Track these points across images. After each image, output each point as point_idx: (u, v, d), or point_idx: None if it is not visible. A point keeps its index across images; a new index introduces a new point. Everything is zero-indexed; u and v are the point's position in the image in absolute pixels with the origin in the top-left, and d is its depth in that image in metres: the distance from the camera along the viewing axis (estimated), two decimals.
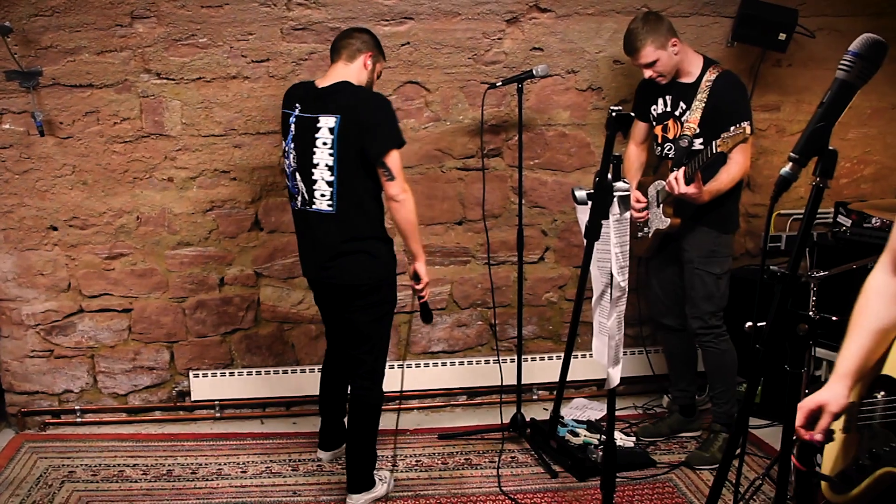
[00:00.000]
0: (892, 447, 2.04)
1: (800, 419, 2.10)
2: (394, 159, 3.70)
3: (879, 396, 2.16)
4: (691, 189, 3.99)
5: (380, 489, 4.10)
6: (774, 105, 5.06)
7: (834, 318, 3.23)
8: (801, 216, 5.04)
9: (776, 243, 5.08)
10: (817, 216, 5.09)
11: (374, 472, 4.11)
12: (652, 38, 4.12)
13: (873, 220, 4.53)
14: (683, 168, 4.01)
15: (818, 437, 2.08)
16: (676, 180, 4.01)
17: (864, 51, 1.91)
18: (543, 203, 5.04)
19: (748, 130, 3.71)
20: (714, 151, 3.82)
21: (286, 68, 4.61)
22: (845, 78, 1.93)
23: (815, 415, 2.11)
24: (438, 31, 4.69)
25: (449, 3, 4.65)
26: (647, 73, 4.24)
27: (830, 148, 1.98)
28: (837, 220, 4.73)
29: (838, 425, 2.29)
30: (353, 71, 3.83)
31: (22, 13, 4.37)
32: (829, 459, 2.31)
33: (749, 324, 2.45)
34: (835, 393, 2.10)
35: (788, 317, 2.14)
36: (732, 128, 3.73)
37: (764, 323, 2.22)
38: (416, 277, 4.02)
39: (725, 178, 4.12)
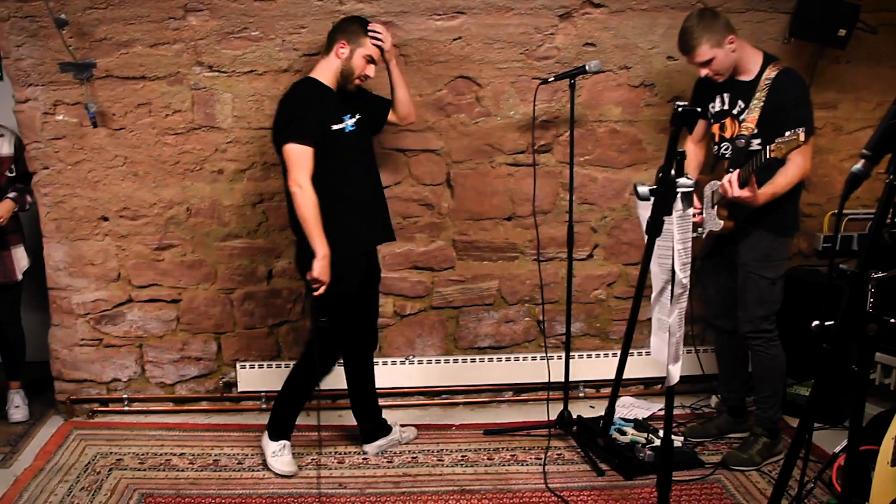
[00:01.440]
0: None
1: None
2: (288, 153, 3.88)
3: None
4: (745, 192, 3.90)
5: (276, 456, 4.27)
6: (832, 103, 4.97)
7: (892, 321, 3.18)
8: (856, 216, 5.00)
9: (830, 244, 5.01)
10: (872, 217, 5.00)
11: (282, 444, 4.28)
12: (707, 35, 4.01)
13: None
14: (738, 171, 3.92)
15: None
16: (730, 183, 3.92)
17: None
18: (593, 200, 5.01)
19: (801, 137, 3.60)
20: (768, 157, 3.74)
21: None
22: None
23: None
24: (490, 26, 4.67)
25: None
26: (703, 72, 4.13)
27: None
28: (895, 220, 4.65)
29: (886, 458, 2.25)
30: (324, 64, 4.08)
31: (77, 6, 4.41)
32: (879, 494, 2.26)
33: (816, 323, 2.41)
34: None
35: (858, 317, 2.09)
36: (788, 133, 3.64)
37: (831, 322, 2.18)
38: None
39: (782, 180, 4.01)
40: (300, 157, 3.85)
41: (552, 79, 4.51)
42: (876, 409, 3.97)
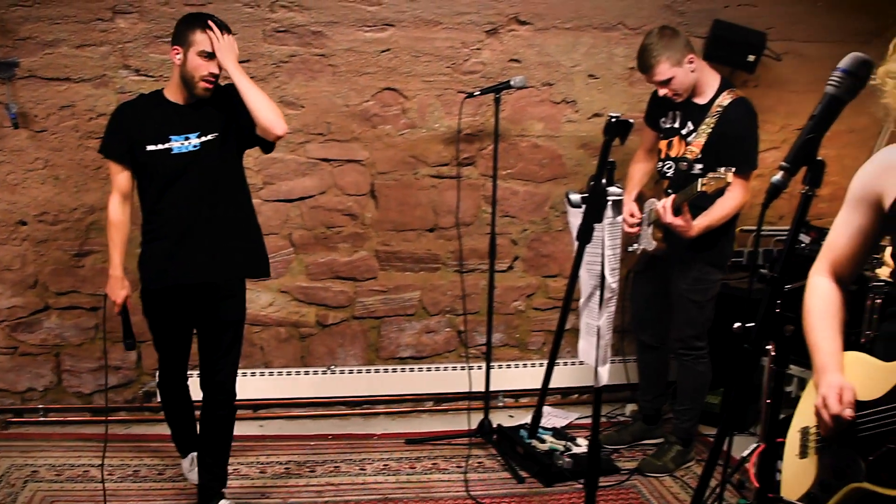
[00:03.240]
0: (857, 463, 2.10)
1: (835, 405, 2.12)
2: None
3: None
4: (678, 221, 3.92)
5: (190, 470, 4.18)
6: None
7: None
8: (763, 233, 5.20)
9: (738, 258, 5.21)
10: (778, 234, 5.21)
11: (190, 457, 4.20)
12: (667, 54, 4.00)
13: None
14: (672, 197, 3.94)
15: (850, 412, 2.12)
16: (665, 209, 3.93)
17: (853, 68, 1.99)
18: (514, 213, 5.12)
19: (729, 178, 3.62)
20: (699, 189, 3.74)
21: (266, 70, 4.62)
22: (834, 93, 2.00)
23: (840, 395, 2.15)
24: (419, 39, 4.76)
25: (431, 11, 4.73)
26: (662, 92, 4.13)
27: (819, 159, 2.06)
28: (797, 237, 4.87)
29: (794, 450, 2.36)
30: (171, 76, 3.68)
31: (1, 2, 4.32)
32: (790, 486, 2.35)
33: (737, 324, 2.53)
34: (840, 379, 2.16)
35: (775, 319, 2.20)
36: (721, 169, 3.65)
37: (752, 324, 2.28)
38: None
39: (718, 213, 4.04)
40: (110, 171, 3.72)
41: (478, 93, 4.59)
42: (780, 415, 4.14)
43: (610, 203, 2.97)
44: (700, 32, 4.95)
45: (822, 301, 2.35)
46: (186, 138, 3.61)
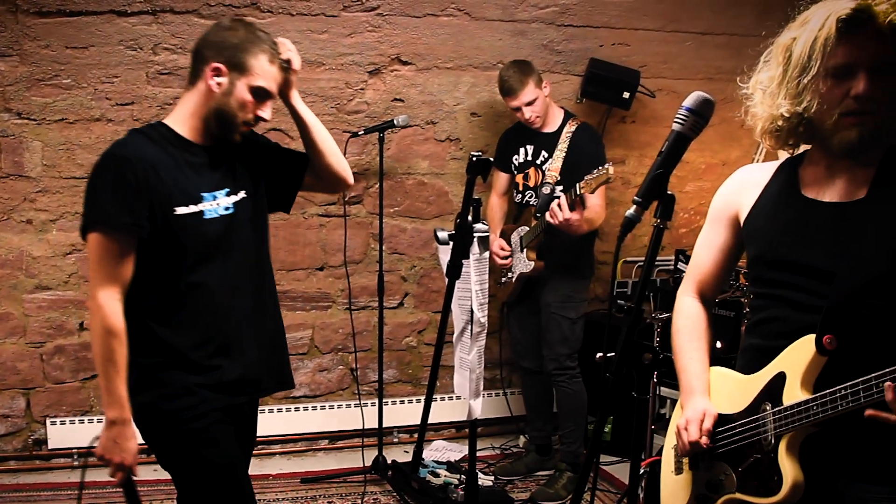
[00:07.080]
0: (729, 474, 2.20)
1: (695, 432, 2.18)
2: (90, 246, 2.51)
3: None
4: (575, 215, 4.07)
5: None
6: (620, 158, 5.38)
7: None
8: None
9: (623, 289, 5.36)
10: (659, 263, 5.39)
11: None
12: (531, 76, 4.38)
13: None
14: (565, 196, 4.12)
15: (706, 440, 2.19)
16: (560, 207, 4.08)
17: (696, 107, 2.10)
18: (403, 249, 5.19)
19: (610, 171, 3.90)
20: (578, 193, 4.00)
21: (150, 112, 4.62)
22: (680, 130, 2.11)
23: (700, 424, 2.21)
24: (302, 80, 4.72)
25: (314, 52, 4.79)
26: (527, 114, 4.44)
27: (669, 193, 2.15)
28: (678, 266, 5.04)
29: (669, 467, 2.45)
30: (187, 100, 2.63)
31: None
32: (668, 502, 2.44)
33: (599, 354, 2.63)
34: (705, 404, 2.24)
35: (635, 347, 2.29)
36: (596, 170, 3.93)
37: (613, 353, 2.38)
38: None
39: (590, 211, 4.26)
40: (104, 254, 2.48)
41: (362, 132, 4.70)
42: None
43: (476, 239, 3.06)
44: (577, 71, 5.15)
45: (689, 321, 2.43)
46: (215, 198, 2.62)
